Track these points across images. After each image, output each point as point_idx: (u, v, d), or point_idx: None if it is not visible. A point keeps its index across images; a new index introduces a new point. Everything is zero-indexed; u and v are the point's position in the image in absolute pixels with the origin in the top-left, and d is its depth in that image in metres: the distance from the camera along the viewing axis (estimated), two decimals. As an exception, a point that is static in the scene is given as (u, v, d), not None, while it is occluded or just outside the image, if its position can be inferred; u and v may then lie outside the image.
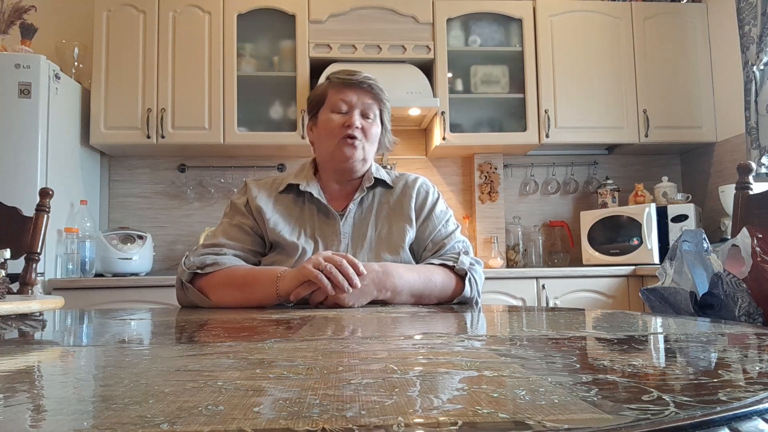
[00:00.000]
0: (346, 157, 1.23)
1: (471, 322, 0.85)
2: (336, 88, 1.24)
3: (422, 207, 1.27)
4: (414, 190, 1.29)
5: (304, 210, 1.26)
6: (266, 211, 1.23)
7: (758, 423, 0.29)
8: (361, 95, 1.24)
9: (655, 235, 2.82)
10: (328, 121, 1.24)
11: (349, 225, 1.24)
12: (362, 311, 0.96)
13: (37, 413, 0.33)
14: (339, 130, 1.22)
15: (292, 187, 1.27)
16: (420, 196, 1.29)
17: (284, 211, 1.25)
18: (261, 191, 1.27)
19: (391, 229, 1.24)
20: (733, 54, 2.92)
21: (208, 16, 2.91)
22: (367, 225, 1.24)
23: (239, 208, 1.26)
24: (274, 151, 3.10)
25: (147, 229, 2.97)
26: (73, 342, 0.69)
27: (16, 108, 2.43)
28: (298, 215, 1.25)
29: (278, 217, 1.23)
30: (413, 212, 1.26)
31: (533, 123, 3.00)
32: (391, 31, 2.97)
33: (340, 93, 1.23)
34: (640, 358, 0.48)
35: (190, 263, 1.16)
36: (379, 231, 1.24)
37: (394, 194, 1.29)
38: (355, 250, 1.21)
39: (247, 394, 0.34)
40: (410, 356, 0.49)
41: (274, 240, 1.22)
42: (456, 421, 0.28)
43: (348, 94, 1.23)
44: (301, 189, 1.25)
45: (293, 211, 1.25)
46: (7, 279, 1.34)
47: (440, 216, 1.27)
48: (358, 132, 1.22)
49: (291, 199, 1.27)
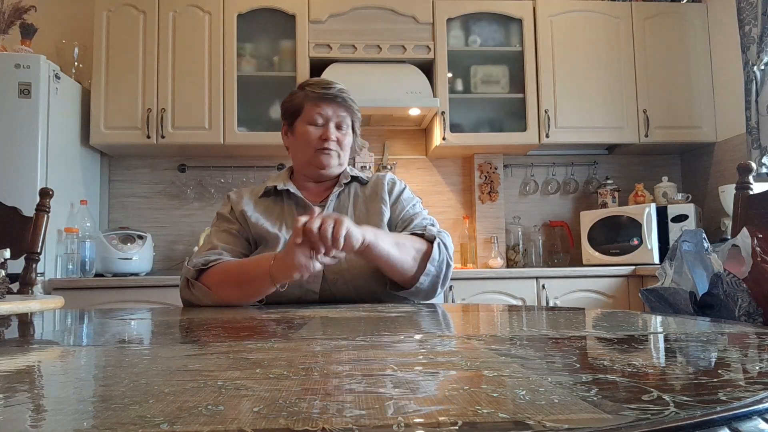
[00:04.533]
0: (323, 165, 1.33)
1: (471, 322, 0.85)
2: (312, 101, 1.32)
3: (391, 191, 1.37)
4: (384, 179, 1.40)
5: (284, 207, 1.33)
6: (248, 212, 1.31)
7: (758, 423, 0.29)
8: (336, 108, 1.32)
9: (655, 235, 2.82)
10: (305, 133, 1.32)
11: (330, 211, 1.30)
12: (362, 311, 0.96)
13: (37, 413, 0.33)
14: (316, 141, 1.31)
15: (270, 191, 1.36)
16: (389, 185, 1.39)
17: (264, 211, 1.33)
18: (242, 198, 1.36)
19: (368, 213, 1.32)
20: (733, 54, 2.92)
21: (208, 16, 2.91)
22: (346, 212, 1.32)
23: (225, 216, 1.34)
24: (274, 151, 3.10)
25: (147, 229, 2.97)
26: (73, 342, 0.69)
27: (16, 108, 2.43)
28: (279, 212, 1.32)
29: (259, 215, 1.31)
30: (386, 194, 1.35)
31: (533, 123, 3.00)
32: (391, 31, 2.97)
33: (316, 107, 1.32)
34: (640, 357, 0.48)
35: (193, 263, 1.20)
36: (357, 215, 1.31)
37: (368, 187, 1.38)
38: None
39: (247, 394, 0.34)
40: (410, 356, 0.49)
41: (257, 234, 1.28)
42: (456, 421, 0.28)
43: (324, 108, 1.32)
44: (278, 189, 1.33)
45: (273, 210, 1.33)
46: (7, 279, 1.34)
47: (407, 200, 1.37)
48: (333, 144, 1.32)
49: (271, 200, 1.35)
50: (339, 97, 1.32)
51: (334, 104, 1.31)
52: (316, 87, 1.33)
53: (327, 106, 1.31)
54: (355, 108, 1.36)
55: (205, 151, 3.05)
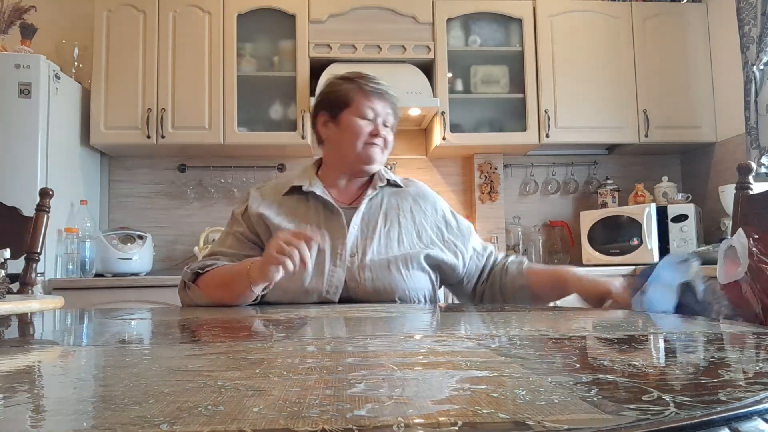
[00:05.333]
0: (371, 160, 1.29)
1: (471, 322, 0.85)
2: (364, 94, 1.29)
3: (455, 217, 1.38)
4: (441, 201, 1.40)
5: (309, 208, 1.29)
6: (270, 216, 1.26)
7: (758, 423, 0.29)
8: (385, 105, 1.30)
9: (655, 235, 2.82)
10: (353, 125, 1.28)
11: (359, 219, 1.27)
12: (362, 311, 0.96)
13: (37, 413, 0.33)
14: (366, 136, 1.28)
15: (295, 189, 1.31)
16: (450, 211, 1.39)
17: (289, 211, 1.28)
18: (264, 198, 1.31)
19: (401, 231, 1.28)
20: (733, 54, 2.92)
21: (208, 16, 2.91)
22: (377, 221, 1.28)
23: (237, 218, 1.31)
24: (274, 151, 3.10)
25: (147, 229, 2.97)
26: (73, 342, 0.69)
27: (16, 108, 2.43)
28: (304, 213, 1.28)
29: (283, 218, 1.27)
30: (452, 221, 1.36)
31: (533, 123, 3.00)
32: (391, 31, 2.97)
33: (368, 100, 1.28)
34: (640, 357, 0.48)
35: (191, 267, 1.22)
36: (388, 228, 1.28)
37: (406, 198, 1.35)
38: (365, 244, 1.23)
39: (247, 394, 0.34)
40: (410, 356, 0.49)
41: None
42: (456, 421, 0.28)
43: (375, 103, 1.29)
44: (304, 189, 1.29)
45: (298, 210, 1.29)
46: (7, 279, 1.34)
47: (466, 232, 1.36)
48: (381, 140, 1.29)
49: (295, 200, 1.31)
50: (388, 93, 1.31)
51: (384, 101, 1.29)
52: (369, 81, 1.30)
53: (378, 102, 1.28)
54: (398, 110, 1.36)
55: (205, 151, 3.05)
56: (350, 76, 1.33)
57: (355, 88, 1.30)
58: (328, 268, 1.19)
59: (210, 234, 2.92)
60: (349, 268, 1.19)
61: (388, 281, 1.19)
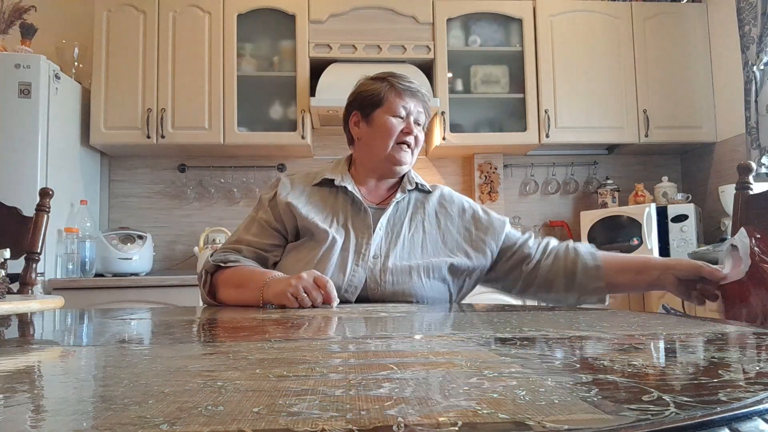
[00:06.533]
0: (400, 162, 1.29)
1: (471, 322, 0.85)
2: (397, 93, 1.29)
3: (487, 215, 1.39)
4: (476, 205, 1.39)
5: (338, 201, 1.29)
6: (298, 205, 1.26)
7: (758, 423, 0.29)
8: (417, 104, 1.30)
9: (655, 235, 2.82)
10: (387, 123, 1.28)
11: (385, 220, 1.26)
12: (363, 311, 0.96)
13: (37, 413, 0.33)
14: (398, 134, 1.28)
15: (326, 181, 1.32)
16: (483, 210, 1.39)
17: (318, 201, 1.29)
18: (295, 185, 1.31)
19: (425, 237, 1.28)
20: (733, 54, 2.92)
21: (208, 16, 2.91)
22: (402, 224, 1.28)
23: (263, 203, 1.31)
24: (274, 151, 3.10)
25: (147, 229, 2.97)
26: (73, 342, 0.69)
27: (16, 108, 2.43)
28: (332, 205, 1.29)
29: (311, 207, 1.27)
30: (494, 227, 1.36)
31: (533, 123, 3.00)
32: (391, 31, 2.97)
33: (400, 98, 1.29)
34: (640, 358, 0.48)
35: (214, 258, 1.22)
36: (413, 233, 1.28)
37: (432, 203, 1.34)
38: (388, 247, 1.23)
39: (247, 394, 0.34)
40: (410, 356, 0.49)
41: (304, 226, 1.24)
42: (456, 421, 0.28)
43: (408, 101, 1.29)
44: (336, 183, 1.29)
45: (327, 202, 1.29)
46: (7, 279, 1.34)
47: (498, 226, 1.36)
48: (412, 139, 1.29)
49: (326, 191, 1.31)
50: (421, 93, 1.31)
51: (416, 99, 1.30)
52: (401, 79, 1.31)
53: (410, 100, 1.29)
54: (429, 109, 1.36)
55: (205, 151, 3.05)
56: (382, 75, 1.33)
57: (388, 87, 1.30)
58: (350, 267, 1.19)
59: (210, 234, 2.92)
60: (371, 269, 1.19)
61: (408, 287, 1.19)
